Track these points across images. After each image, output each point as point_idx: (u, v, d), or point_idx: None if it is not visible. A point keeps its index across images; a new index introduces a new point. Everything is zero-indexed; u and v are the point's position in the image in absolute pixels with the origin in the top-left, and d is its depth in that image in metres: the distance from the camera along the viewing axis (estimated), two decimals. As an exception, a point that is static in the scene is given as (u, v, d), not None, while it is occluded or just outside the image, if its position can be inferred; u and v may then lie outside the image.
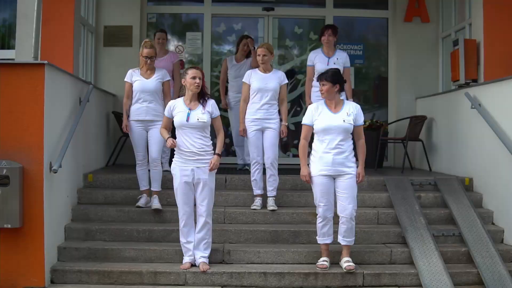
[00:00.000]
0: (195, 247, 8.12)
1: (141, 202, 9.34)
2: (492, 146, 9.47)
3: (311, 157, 8.17)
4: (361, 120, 8.12)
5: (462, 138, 10.75)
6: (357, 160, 8.14)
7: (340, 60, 10.22)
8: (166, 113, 8.13)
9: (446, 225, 9.31)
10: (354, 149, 8.11)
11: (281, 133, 9.57)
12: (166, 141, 8.02)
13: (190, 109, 7.96)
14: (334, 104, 8.06)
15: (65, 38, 10.74)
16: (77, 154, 9.48)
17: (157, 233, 8.81)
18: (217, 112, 8.16)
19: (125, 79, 9.51)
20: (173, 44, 13.54)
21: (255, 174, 9.46)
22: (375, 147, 12.19)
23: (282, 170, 9.85)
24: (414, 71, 13.32)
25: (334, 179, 8.05)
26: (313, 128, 8.15)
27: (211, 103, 8.11)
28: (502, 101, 9.41)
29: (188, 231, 8.07)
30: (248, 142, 9.64)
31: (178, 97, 8.30)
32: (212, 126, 8.15)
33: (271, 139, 9.47)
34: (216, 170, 8.12)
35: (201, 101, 8.03)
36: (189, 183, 7.96)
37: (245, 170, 11.38)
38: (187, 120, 7.89)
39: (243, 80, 9.64)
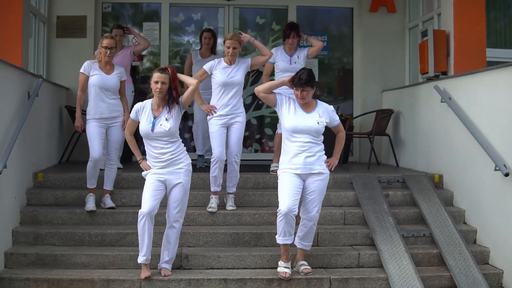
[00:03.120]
0: (163, 248, 7.64)
1: (90, 204, 8.74)
2: (463, 141, 9.16)
3: (281, 158, 7.71)
4: (336, 119, 7.74)
5: (431, 133, 10.44)
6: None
7: (301, 58, 10.02)
8: (132, 115, 7.59)
9: (416, 225, 8.94)
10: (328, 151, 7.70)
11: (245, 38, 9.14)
12: (139, 162, 7.69)
13: (154, 117, 7.43)
14: (307, 104, 7.61)
15: (13, 28, 10.19)
16: (26, 152, 8.96)
17: (111, 236, 8.29)
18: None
19: (81, 70, 8.89)
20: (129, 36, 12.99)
21: (215, 171, 8.89)
22: (340, 141, 11.84)
23: (244, 167, 9.42)
24: (380, 63, 13.04)
25: (304, 180, 7.56)
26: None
27: (178, 107, 7.56)
28: (473, 95, 9.09)
29: (148, 229, 7.40)
30: (211, 137, 9.06)
31: (147, 97, 7.71)
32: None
33: (237, 134, 8.96)
34: (190, 171, 7.66)
35: (168, 104, 7.47)
36: (162, 181, 7.49)
37: (205, 167, 10.94)
38: (152, 131, 7.37)
39: (204, 66, 9.09)
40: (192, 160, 7.79)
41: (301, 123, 7.47)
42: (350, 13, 13.48)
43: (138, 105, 7.58)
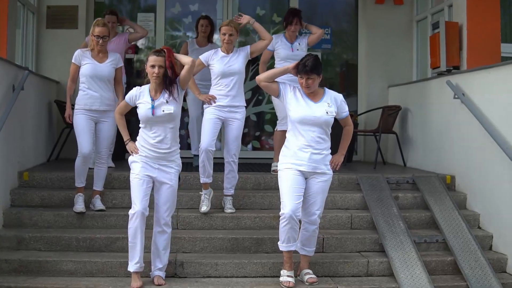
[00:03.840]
0: (153, 256, 7.05)
1: (79, 205, 8.16)
2: (478, 140, 8.64)
3: (282, 151, 7.10)
4: (345, 109, 7.10)
5: (442, 131, 9.90)
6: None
7: (302, 45, 9.56)
8: (127, 98, 7.00)
9: (428, 230, 8.38)
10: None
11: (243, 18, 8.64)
12: (126, 143, 7.02)
13: (153, 100, 6.81)
14: (312, 96, 6.99)
15: (-2, 18, 9.65)
16: (10, 150, 8.41)
17: (100, 241, 7.70)
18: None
19: (73, 60, 8.36)
20: (122, 26, 12.40)
21: (203, 161, 8.25)
22: (344, 140, 11.34)
23: (243, 166, 8.83)
24: (386, 57, 12.48)
25: (306, 179, 6.96)
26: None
27: (176, 88, 6.96)
28: (489, 91, 8.57)
29: (141, 232, 6.83)
30: (203, 124, 8.43)
31: (143, 82, 7.07)
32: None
33: (235, 132, 8.38)
34: (179, 171, 7.07)
35: (166, 88, 6.86)
36: (151, 177, 6.87)
37: None
38: (153, 114, 6.77)
39: (200, 56, 8.51)
40: (187, 158, 7.24)
41: (309, 113, 6.87)
42: (354, 4, 12.98)
43: (135, 90, 6.98)
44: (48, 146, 10.85)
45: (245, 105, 8.51)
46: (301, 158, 6.89)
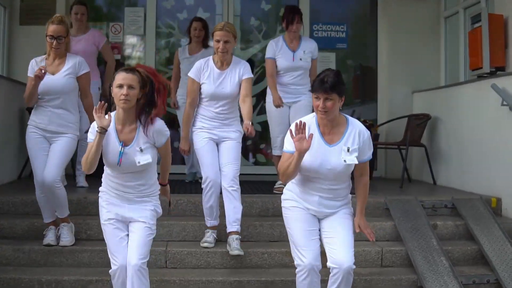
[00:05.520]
0: None
1: (49, 237, 6.74)
2: None
3: (288, 185, 5.59)
4: (368, 153, 5.47)
5: (483, 144, 8.61)
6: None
7: (308, 52, 8.39)
8: (91, 135, 5.28)
9: (475, 267, 6.92)
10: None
11: (246, 132, 6.84)
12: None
13: (123, 145, 5.20)
14: (330, 128, 5.39)
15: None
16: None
17: (68, 285, 6.20)
18: (163, 139, 5.36)
19: (28, 73, 6.87)
20: (107, 23, 11.51)
21: (211, 199, 6.74)
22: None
23: (245, 185, 7.39)
24: (409, 58, 11.21)
25: (320, 220, 5.48)
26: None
27: (157, 128, 5.28)
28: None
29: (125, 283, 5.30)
30: (198, 155, 6.93)
31: (110, 108, 5.39)
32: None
33: (230, 153, 6.82)
34: (158, 214, 5.49)
35: (141, 121, 5.24)
36: (121, 222, 5.34)
37: (196, 182, 9.09)
38: (119, 164, 5.18)
39: (189, 74, 6.98)
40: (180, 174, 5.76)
41: (321, 163, 5.31)
42: (374, -1, 11.94)
43: (92, 128, 5.31)
44: (19, 161, 9.61)
45: (241, 129, 6.96)
46: (309, 201, 5.43)
